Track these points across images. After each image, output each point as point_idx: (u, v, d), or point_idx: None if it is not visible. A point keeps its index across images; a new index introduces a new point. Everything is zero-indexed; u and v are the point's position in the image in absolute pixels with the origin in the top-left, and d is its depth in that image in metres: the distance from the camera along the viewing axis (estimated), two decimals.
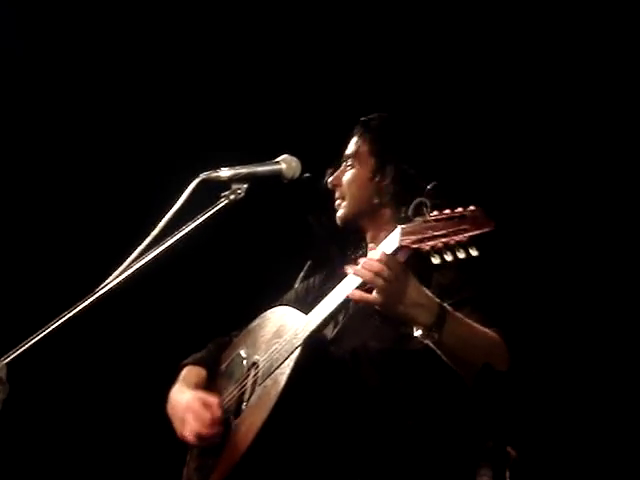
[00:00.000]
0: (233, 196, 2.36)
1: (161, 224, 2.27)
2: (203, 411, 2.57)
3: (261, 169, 2.44)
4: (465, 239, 2.15)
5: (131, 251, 2.22)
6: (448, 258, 2.16)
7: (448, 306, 2.34)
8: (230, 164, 2.39)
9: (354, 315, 2.56)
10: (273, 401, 2.41)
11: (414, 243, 2.21)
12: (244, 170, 2.40)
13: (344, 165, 2.78)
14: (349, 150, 2.79)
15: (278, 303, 2.80)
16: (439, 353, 2.34)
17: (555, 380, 3.59)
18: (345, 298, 2.38)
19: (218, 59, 4.22)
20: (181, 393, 2.72)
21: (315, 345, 2.45)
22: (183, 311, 4.24)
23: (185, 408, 2.62)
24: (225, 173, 2.38)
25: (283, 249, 3.82)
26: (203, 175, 2.36)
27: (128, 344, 4.27)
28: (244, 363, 2.68)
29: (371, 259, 2.28)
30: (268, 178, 2.44)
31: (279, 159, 2.47)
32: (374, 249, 2.33)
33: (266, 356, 2.57)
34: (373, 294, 2.29)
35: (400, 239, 2.24)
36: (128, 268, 2.20)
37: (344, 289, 2.38)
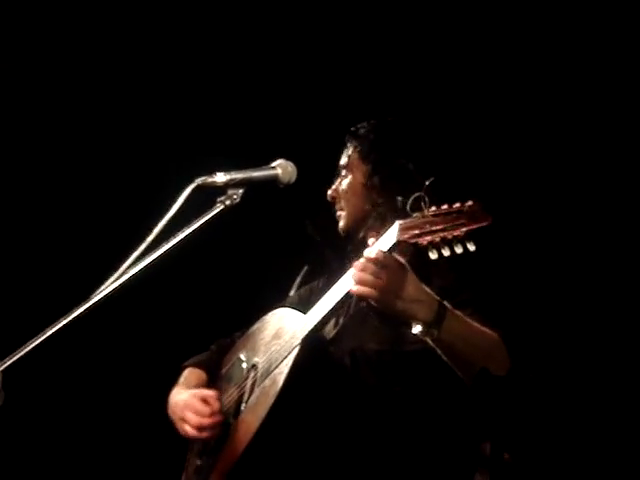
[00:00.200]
0: (229, 201, 2.35)
1: (156, 230, 2.26)
2: (202, 406, 2.60)
3: (257, 174, 2.43)
4: (462, 234, 2.14)
5: (127, 257, 2.21)
6: (445, 253, 2.15)
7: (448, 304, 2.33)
8: (225, 169, 2.38)
9: (354, 316, 2.55)
10: (271, 400, 2.42)
11: (412, 238, 2.19)
12: (240, 175, 2.39)
13: (339, 177, 2.80)
14: (342, 161, 2.81)
15: (280, 305, 2.79)
16: (438, 351, 2.33)
17: (554, 384, 3.56)
18: (342, 297, 2.37)
19: (212, 63, 4.22)
20: (179, 394, 2.74)
21: (313, 344, 2.45)
22: (181, 315, 4.23)
23: (184, 406, 2.65)
24: (221, 178, 2.36)
25: (280, 254, 3.81)
26: (198, 180, 2.34)
27: (127, 349, 4.27)
28: (244, 366, 2.69)
29: (367, 257, 2.27)
30: (264, 183, 2.44)
31: (275, 164, 2.46)
32: (373, 244, 2.32)
33: (265, 357, 2.57)
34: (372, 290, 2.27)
35: (398, 234, 2.23)
36: (124, 274, 2.20)
37: (342, 287, 2.37)
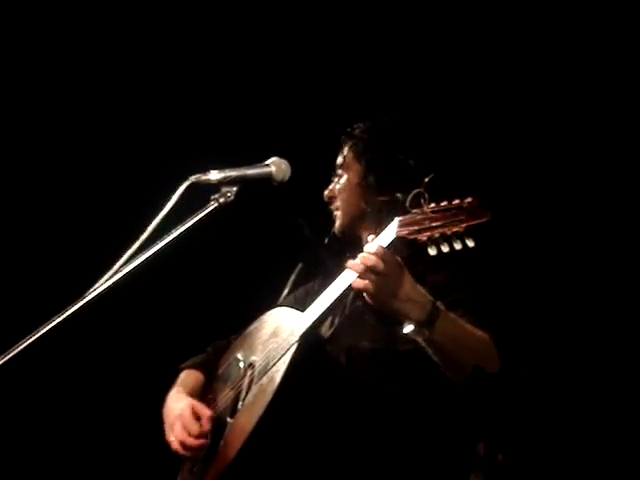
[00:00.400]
0: (223, 199, 2.35)
1: (150, 228, 2.25)
2: (192, 422, 2.60)
3: (251, 172, 2.42)
4: (462, 229, 2.14)
5: (120, 255, 2.21)
6: (444, 249, 2.16)
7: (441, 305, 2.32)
8: (219, 167, 2.37)
9: (350, 315, 2.56)
10: (269, 398, 2.41)
11: (411, 234, 2.20)
12: (234, 173, 2.38)
13: (336, 177, 2.81)
14: (338, 161, 2.81)
15: (276, 305, 2.79)
16: (428, 351, 2.32)
17: (547, 384, 3.56)
18: (340, 294, 2.37)
19: (207, 62, 4.22)
20: (177, 400, 2.73)
21: (311, 342, 2.45)
22: (174, 312, 4.22)
23: (177, 416, 2.64)
24: (215, 176, 2.35)
25: (274, 252, 3.81)
26: (192, 178, 2.34)
27: (122, 347, 4.25)
28: (241, 365, 2.69)
29: (368, 252, 2.27)
30: (258, 181, 2.43)
31: (269, 162, 2.45)
32: (372, 240, 2.32)
33: (262, 355, 2.57)
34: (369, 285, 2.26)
35: (397, 230, 2.23)
36: (117, 272, 2.20)
37: (340, 285, 2.37)
